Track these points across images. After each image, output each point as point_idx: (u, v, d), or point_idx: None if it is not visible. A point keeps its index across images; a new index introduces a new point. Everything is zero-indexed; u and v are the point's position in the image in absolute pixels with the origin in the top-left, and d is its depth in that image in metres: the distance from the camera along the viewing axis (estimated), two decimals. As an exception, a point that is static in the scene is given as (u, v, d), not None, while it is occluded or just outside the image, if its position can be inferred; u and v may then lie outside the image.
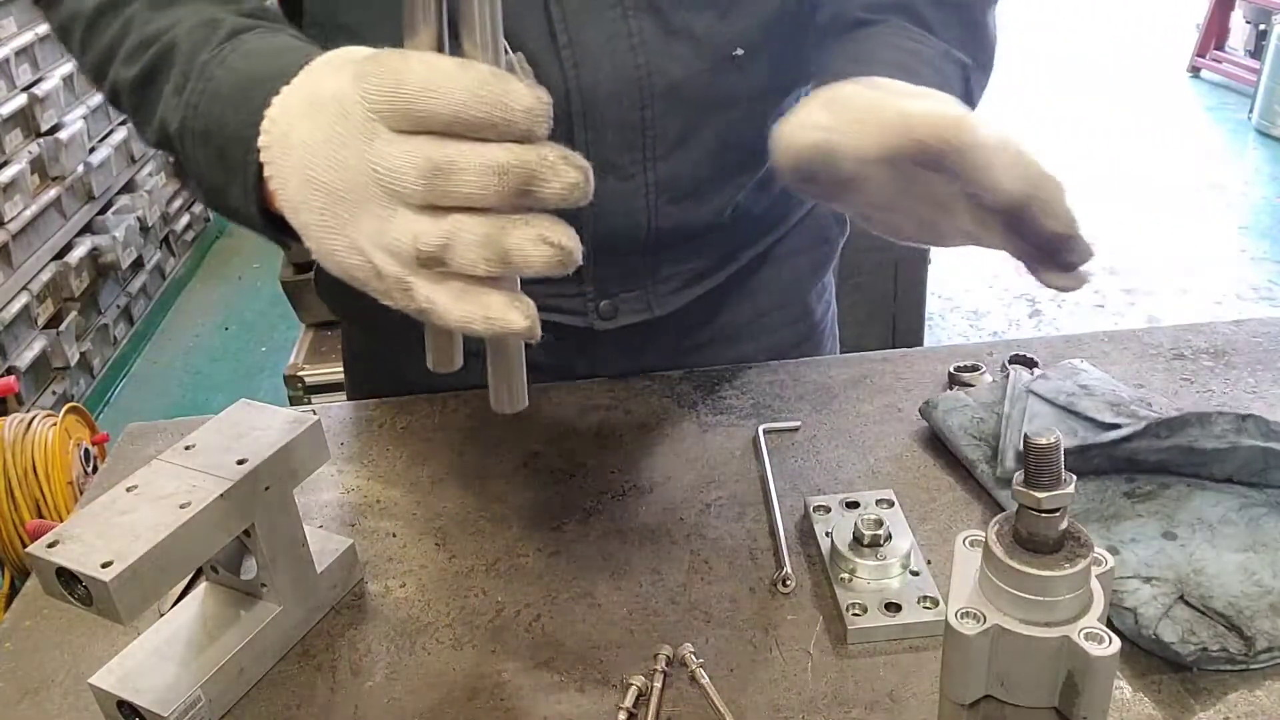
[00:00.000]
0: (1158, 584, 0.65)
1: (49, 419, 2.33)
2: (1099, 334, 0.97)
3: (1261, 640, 0.61)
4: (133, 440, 0.94)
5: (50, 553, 0.57)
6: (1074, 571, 0.46)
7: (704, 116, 0.82)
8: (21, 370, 2.77)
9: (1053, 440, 0.46)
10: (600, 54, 0.77)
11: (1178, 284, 3.55)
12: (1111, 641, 0.45)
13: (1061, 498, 0.45)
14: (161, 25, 0.65)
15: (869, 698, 0.63)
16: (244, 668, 0.66)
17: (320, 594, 0.71)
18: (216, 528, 0.62)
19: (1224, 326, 0.97)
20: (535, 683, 0.66)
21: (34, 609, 0.75)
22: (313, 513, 0.81)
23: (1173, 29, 6.08)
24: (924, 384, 0.92)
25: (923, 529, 0.75)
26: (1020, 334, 3.29)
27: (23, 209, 2.93)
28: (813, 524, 0.75)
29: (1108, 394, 0.83)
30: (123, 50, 0.67)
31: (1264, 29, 4.93)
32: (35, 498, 2.20)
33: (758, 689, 0.64)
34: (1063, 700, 0.48)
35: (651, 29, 0.77)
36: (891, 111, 0.54)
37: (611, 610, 0.70)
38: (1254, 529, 0.69)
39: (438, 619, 0.71)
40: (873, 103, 0.55)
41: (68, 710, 0.66)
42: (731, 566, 0.73)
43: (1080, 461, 0.74)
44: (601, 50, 0.77)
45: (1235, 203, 4.12)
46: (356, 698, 0.66)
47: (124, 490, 0.62)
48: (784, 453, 0.84)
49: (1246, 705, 0.60)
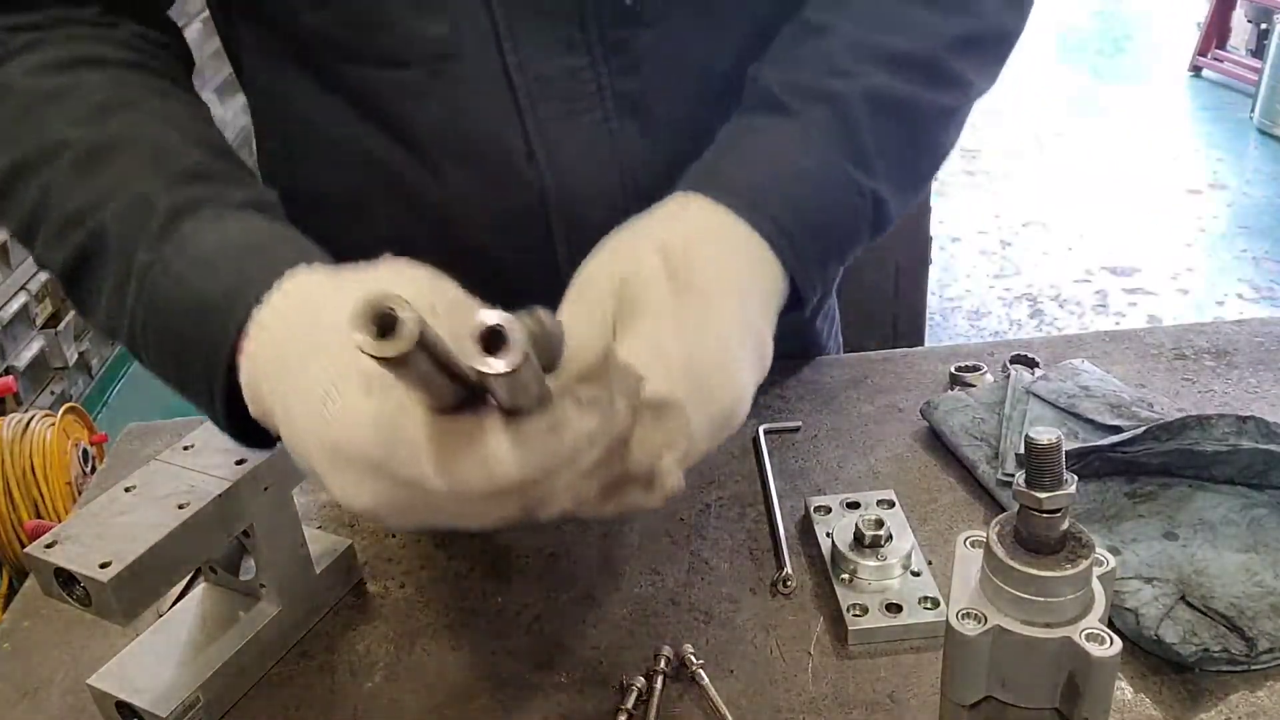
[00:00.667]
0: (1159, 585, 0.65)
1: (47, 419, 2.33)
2: (1100, 334, 0.97)
3: (1263, 641, 0.61)
4: (131, 440, 0.94)
5: (49, 553, 0.57)
6: (1075, 572, 0.46)
7: None
8: (20, 370, 2.76)
9: (1053, 440, 0.45)
10: (580, 159, 0.73)
11: (1179, 284, 3.55)
12: (1113, 642, 0.45)
13: (1062, 498, 0.45)
14: (87, 200, 0.57)
15: (870, 699, 0.62)
16: (243, 668, 0.66)
17: (319, 594, 0.71)
18: (215, 528, 0.62)
19: (1225, 326, 0.96)
20: (535, 683, 0.65)
21: (32, 609, 0.75)
22: (312, 513, 0.81)
23: (1174, 28, 6.08)
24: (925, 384, 0.92)
25: (924, 529, 0.75)
26: (1021, 334, 3.29)
27: (22, 209, 2.92)
28: (813, 524, 0.75)
29: (1108, 395, 0.83)
30: (46, 226, 0.59)
31: (1265, 28, 4.93)
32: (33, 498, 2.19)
33: (758, 690, 0.63)
34: (1064, 701, 0.47)
35: (634, 130, 0.74)
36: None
37: (611, 610, 0.70)
38: (1255, 529, 0.69)
39: (437, 619, 0.71)
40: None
41: (66, 711, 0.66)
42: (732, 567, 0.73)
43: (1080, 466, 0.74)
44: (582, 155, 0.73)
45: (1236, 202, 4.11)
46: (356, 698, 0.65)
47: (122, 490, 0.62)
48: (784, 453, 0.84)
49: (1248, 706, 0.60)
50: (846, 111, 0.64)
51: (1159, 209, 4.07)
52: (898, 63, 0.66)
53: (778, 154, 0.63)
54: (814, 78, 0.65)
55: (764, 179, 0.61)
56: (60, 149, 0.58)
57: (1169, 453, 0.72)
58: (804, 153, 0.63)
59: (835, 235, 0.64)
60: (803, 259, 0.61)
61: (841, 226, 0.64)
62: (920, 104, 0.67)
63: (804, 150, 0.63)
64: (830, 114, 0.64)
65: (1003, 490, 0.76)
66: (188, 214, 0.55)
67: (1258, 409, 0.84)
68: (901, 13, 0.68)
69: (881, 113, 0.65)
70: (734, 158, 0.64)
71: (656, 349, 0.51)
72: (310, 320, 0.48)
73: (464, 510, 0.44)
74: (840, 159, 0.63)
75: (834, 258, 0.64)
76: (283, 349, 0.49)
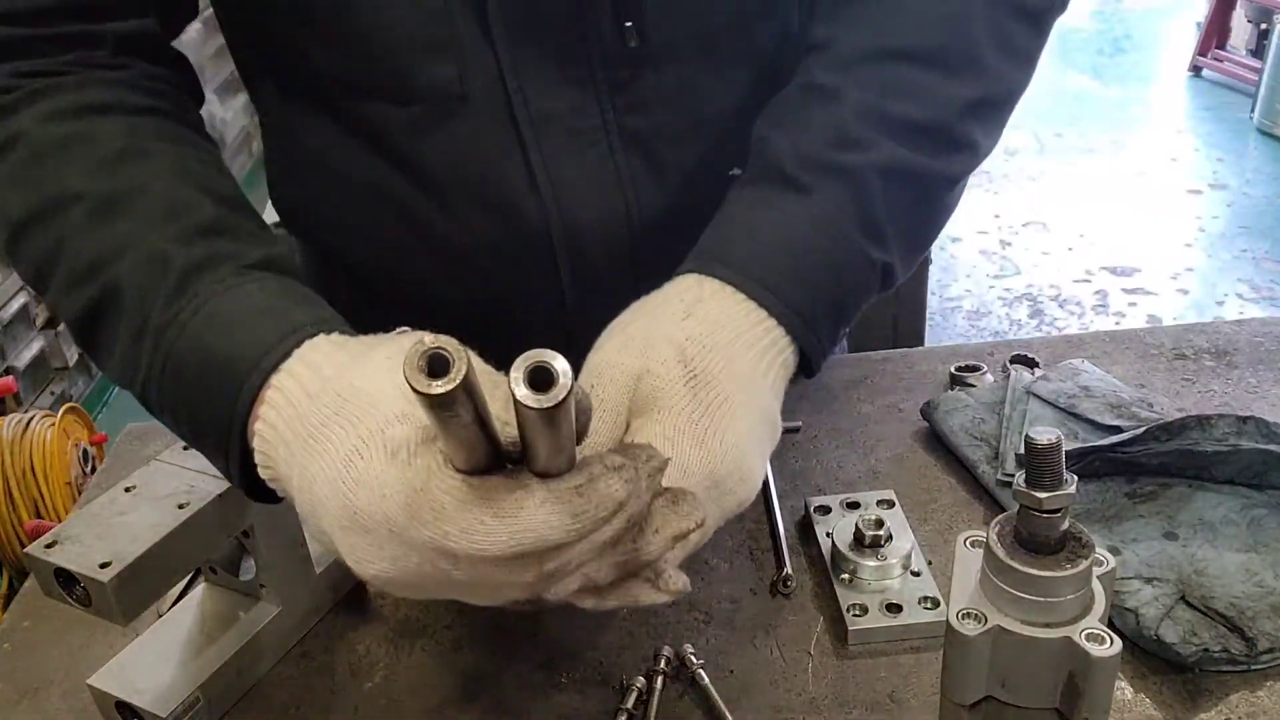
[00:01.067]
0: (1159, 585, 0.65)
1: (47, 419, 2.32)
2: (1100, 334, 0.97)
3: (1263, 641, 0.61)
4: (131, 440, 0.94)
5: (49, 553, 0.57)
6: (1075, 572, 0.46)
7: (697, 236, 0.70)
8: (20, 370, 2.76)
9: (1054, 440, 0.45)
10: (585, 191, 0.74)
11: (1179, 284, 3.55)
12: (1113, 642, 0.45)
13: (1063, 498, 0.45)
14: (100, 253, 0.57)
15: (870, 699, 0.62)
16: (242, 669, 0.66)
17: (319, 595, 0.71)
18: (215, 528, 0.62)
19: (1225, 326, 0.96)
20: (535, 683, 0.65)
21: (32, 609, 0.74)
22: (312, 513, 0.81)
23: (1174, 28, 6.08)
24: (925, 384, 0.92)
25: (924, 529, 0.75)
26: (1021, 334, 3.29)
27: (22, 209, 2.92)
28: (813, 524, 0.75)
29: (1108, 395, 0.83)
30: (59, 276, 0.59)
31: (1265, 28, 4.92)
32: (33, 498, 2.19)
33: (758, 690, 0.63)
34: (1064, 701, 0.47)
35: (640, 164, 0.74)
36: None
37: (611, 611, 0.70)
38: (1255, 529, 0.69)
39: (437, 619, 0.71)
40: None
41: (66, 711, 0.66)
42: (732, 567, 0.73)
43: (1080, 466, 0.74)
44: (587, 188, 0.74)
45: (1236, 202, 4.11)
46: (356, 698, 0.65)
47: (122, 490, 0.62)
48: (785, 453, 0.84)
49: (1248, 706, 0.60)
50: (860, 187, 0.64)
51: (1159, 209, 4.07)
52: (910, 131, 0.65)
53: (792, 233, 0.63)
54: (826, 150, 0.64)
55: (779, 260, 0.61)
56: (74, 200, 0.58)
57: (1169, 453, 0.72)
58: (818, 231, 0.63)
59: (846, 306, 0.64)
60: (816, 334, 0.61)
61: (852, 296, 0.65)
62: (931, 172, 0.67)
63: (818, 229, 0.63)
64: (843, 189, 0.63)
65: (1003, 490, 0.76)
66: (204, 271, 0.55)
67: (1258, 409, 0.84)
68: (911, 78, 0.67)
69: (894, 183, 0.65)
70: (746, 235, 0.63)
71: (674, 448, 0.52)
72: (330, 389, 0.48)
73: (478, 577, 0.44)
74: (854, 233, 0.63)
75: (844, 324, 0.65)
76: (302, 418, 0.49)
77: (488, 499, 0.42)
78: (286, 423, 0.49)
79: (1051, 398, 0.83)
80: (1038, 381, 0.85)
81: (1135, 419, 0.79)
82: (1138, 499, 0.72)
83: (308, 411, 0.48)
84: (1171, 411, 0.79)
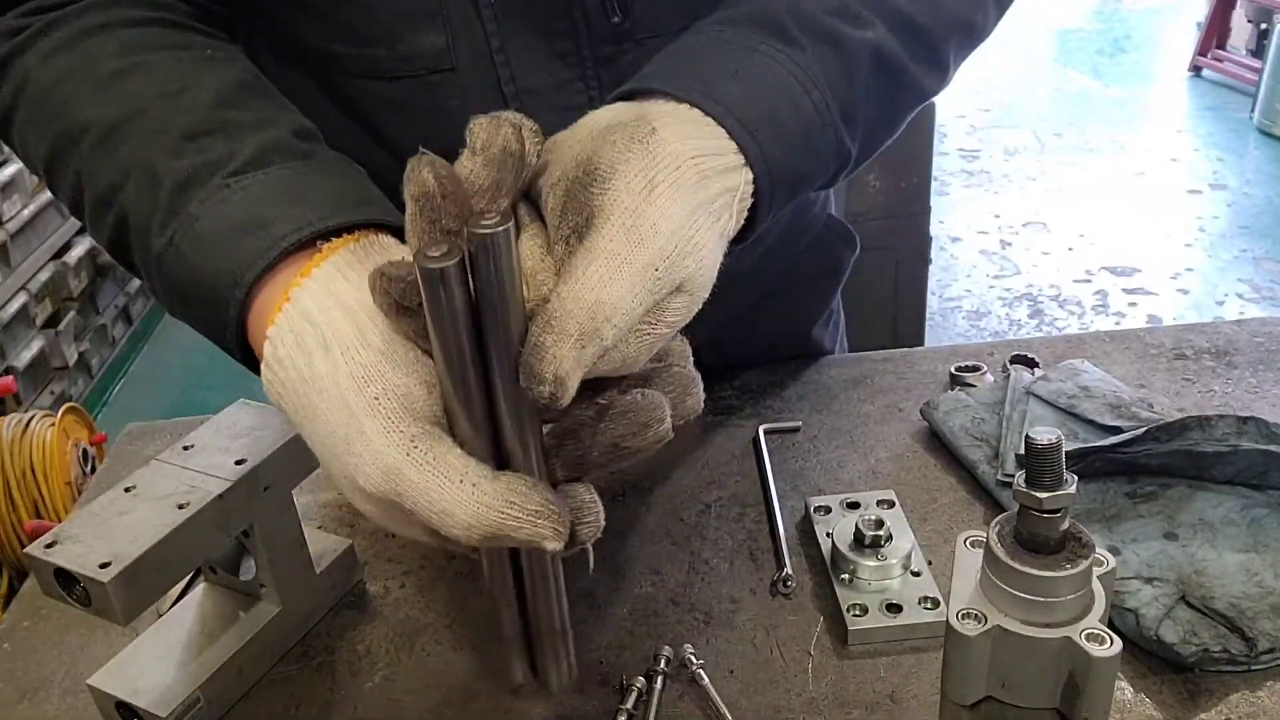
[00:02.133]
0: (1159, 585, 0.65)
1: (47, 419, 2.33)
2: (1100, 334, 0.97)
3: (1263, 641, 0.61)
4: (131, 440, 0.94)
5: (48, 553, 0.57)
6: (1075, 572, 0.46)
7: None
8: (20, 370, 2.77)
9: (1054, 440, 0.45)
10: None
11: (1179, 284, 3.55)
12: (1113, 642, 0.45)
13: (1063, 498, 0.45)
14: (110, 182, 0.59)
15: (870, 699, 0.62)
16: (243, 668, 0.66)
17: (319, 594, 0.71)
18: (215, 528, 0.62)
19: (1225, 326, 0.96)
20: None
21: (32, 609, 0.75)
22: (312, 513, 0.81)
23: (1174, 28, 6.08)
24: (925, 384, 0.92)
25: (924, 529, 0.75)
26: (1021, 334, 3.29)
27: (21, 208, 2.93)
28: (813, 524, 0.75)
29: (1108, 395, 0.83)
30: (85, 211, 0.62)
31: (1265, 28, 4.93)
32: (33, 498, 2.20)
33: (758, 690, 0.63)
34: (1064, 701, 0.47)
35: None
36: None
37: (611, 611, 0.70)
38: (1255, 530, 0.69)
39: (437, 619, 0.71)
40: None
41: (66, 711, 0.66)
42: (732, 567, 0.73)
43: (1080, 466, 0.74)
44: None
45: (1236, 202, 4.11)
46: (356, 698, 0.65)
47: (122, 490, 0.62)
48: (784, 453, 0.84)
49: (1248, 706, 0.60)
50: (850, 60, 0.62)
51: (1159, 209, 4.07)
52: (905, 27, 0.65)
53: (781, 88, 0.60)
54: (825, 15, 0.62)
55: (762, 110, 0.58)
56: (82, 131, 0.60)
57: (1169, 453, 0.72)
58: (803, 89, 0.60)
59: (804, 179, 0.62)
60: (775, 195, 0.58)
61: (811, 174, 0.62)
62: (909, 75, 0.66)
63: (804, 87, 0.60)
64: (834, 58, 0.62)
65: (1003, 490, 0.76)
66: (191, 189, 0.56)
67: (1258, 409, 0.84)
68: None
69: (878, 72, 0.63)
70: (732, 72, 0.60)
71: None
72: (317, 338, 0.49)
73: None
74: (833, 105, 0.61)
75: (795, 198, 0.62)
76: (296, 374, 0.49)
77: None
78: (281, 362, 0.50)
79: (1051, 398, 0.83)
80: (1038, 382, 0.85)
81: (1135, 419, 0.79)
82: (1138, 499, 0.72)
83: (301, 371, 0.49)
84: (1171, 412, 0.79)
